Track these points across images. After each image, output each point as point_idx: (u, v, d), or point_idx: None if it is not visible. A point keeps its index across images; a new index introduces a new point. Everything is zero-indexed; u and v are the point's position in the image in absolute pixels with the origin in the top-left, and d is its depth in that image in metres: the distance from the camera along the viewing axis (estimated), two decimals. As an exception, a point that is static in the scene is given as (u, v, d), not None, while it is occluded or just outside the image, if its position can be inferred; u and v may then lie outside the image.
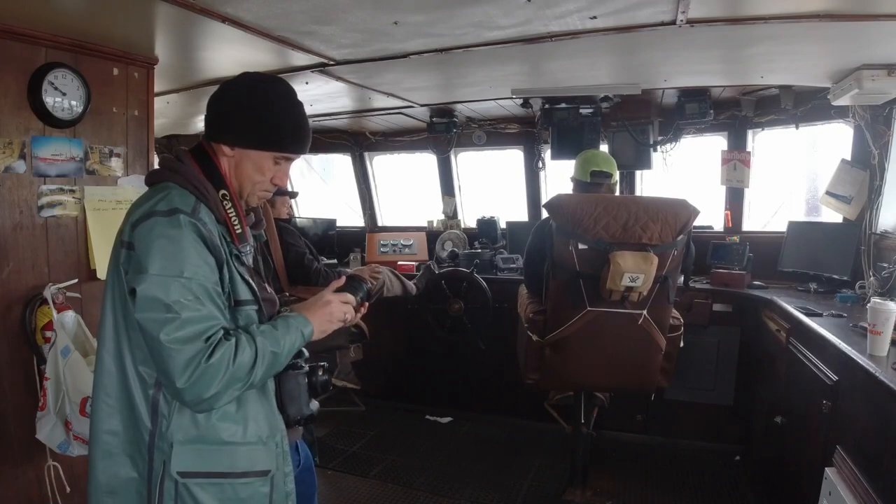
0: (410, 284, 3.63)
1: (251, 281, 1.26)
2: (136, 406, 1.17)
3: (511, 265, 3.91)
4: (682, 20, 1.92)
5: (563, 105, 3.49)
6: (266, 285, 1.40)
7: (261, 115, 1.26)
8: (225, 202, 1.25)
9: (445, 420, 3.96)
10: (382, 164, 4.86)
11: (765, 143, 3.65)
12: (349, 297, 1.37)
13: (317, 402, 1.39)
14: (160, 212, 1.14)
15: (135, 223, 1.14)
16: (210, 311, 1.13)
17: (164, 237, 1.11)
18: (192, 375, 1.08)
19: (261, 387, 1.23)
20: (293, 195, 3.80)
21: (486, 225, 4.32)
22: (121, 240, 1.17)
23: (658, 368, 2.59)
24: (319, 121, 4.06)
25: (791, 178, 3.77)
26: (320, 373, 1.36)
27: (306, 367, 1.34)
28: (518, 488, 3.05)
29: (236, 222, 1.26)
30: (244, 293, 1.24)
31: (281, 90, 1.29)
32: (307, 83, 2.83)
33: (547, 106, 3.52)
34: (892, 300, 1.84)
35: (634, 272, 2.29)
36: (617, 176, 2.87)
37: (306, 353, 1.37)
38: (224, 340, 1.12)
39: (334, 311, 1.33)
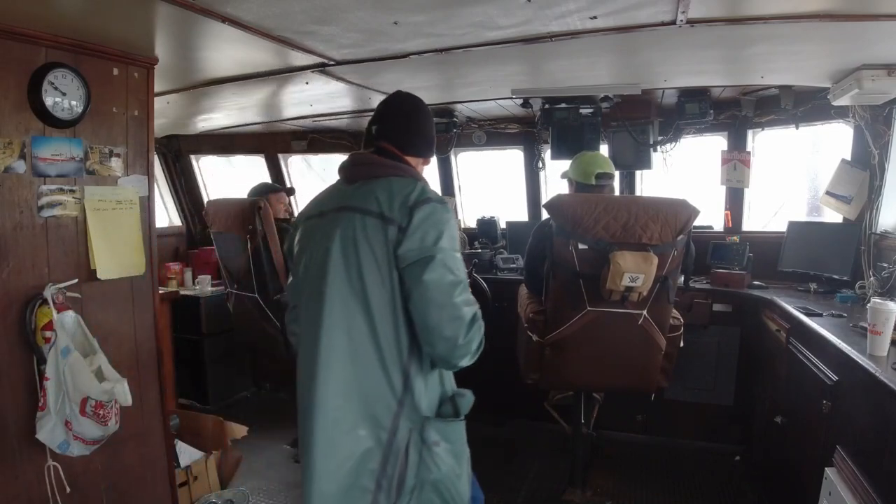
0: None
1: None
2: (385, 373, 1.34)
3: (511, 265, 3.91)
4: (682, 20, 1.92)
5: (563, 105, 3.49)
6: None
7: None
8: None
9: (445, 420, 3.96)
10: (382, 164, 4.86)
11: (765, 143, 3.65)
12: None
13: None
14: (434, 199, 1.35)
15: (412, 206, 1.32)
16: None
17: (445, 220, 1.33)
18: (468, 334, 1.32)
19: None
20: (290, 192, 3.79)
21: (486, 225, 4.32)
22: (381, 217, 1.32)
23: (658, 368, 2.59)
24: (319, 121, 4.05)
25: (791, 178, 3.77)
26: None
27: None
28: (518, 488, 3.05)
29: None
30: None
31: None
32: (307, 83, 2.82)
33: (547, 106, 3.52)
34: (892, 300, 1.84)
35: (634, 272, 2.29)
36: (617, 177, 2.88)
37: None
38: None
39: None
